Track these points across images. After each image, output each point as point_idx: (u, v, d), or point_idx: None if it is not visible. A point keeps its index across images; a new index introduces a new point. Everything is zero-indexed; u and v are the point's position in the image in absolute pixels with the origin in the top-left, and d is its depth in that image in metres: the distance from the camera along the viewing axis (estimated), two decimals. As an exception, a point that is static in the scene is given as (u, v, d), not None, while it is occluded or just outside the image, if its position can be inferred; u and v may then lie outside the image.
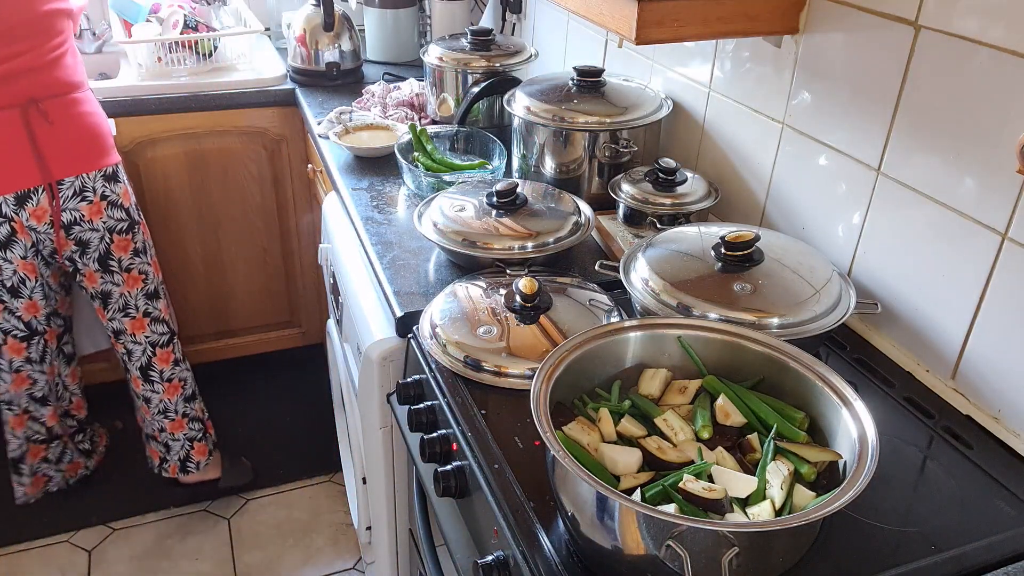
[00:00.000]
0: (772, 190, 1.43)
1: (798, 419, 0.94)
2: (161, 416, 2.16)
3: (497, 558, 0.91)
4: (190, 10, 2.38)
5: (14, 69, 1.74)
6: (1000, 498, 0.97)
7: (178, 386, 2.16)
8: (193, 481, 2.26)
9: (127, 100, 2.21)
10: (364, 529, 1.74)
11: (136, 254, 2.01)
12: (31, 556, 2.17)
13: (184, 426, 2.18)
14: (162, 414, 2.16)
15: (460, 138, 1.87)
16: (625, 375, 1.02)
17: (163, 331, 2.10)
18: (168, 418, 2.16)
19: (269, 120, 2.37)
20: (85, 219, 1.90)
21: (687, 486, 0.82)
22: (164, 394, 2.14)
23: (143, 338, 2.08)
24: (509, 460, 0.98)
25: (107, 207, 1.92)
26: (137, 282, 2.03)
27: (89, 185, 1.87)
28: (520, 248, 1.35)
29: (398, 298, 1.33)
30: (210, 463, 2.26)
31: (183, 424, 2.18)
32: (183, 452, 2.20)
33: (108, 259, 1.97)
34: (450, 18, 2.40)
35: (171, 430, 2.17)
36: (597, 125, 1.56)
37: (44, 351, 2.05)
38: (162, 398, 2.14)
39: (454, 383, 1.12)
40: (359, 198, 1.68)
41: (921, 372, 1.18)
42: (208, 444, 2.25)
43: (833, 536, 0.89)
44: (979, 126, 1.04)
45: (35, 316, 1.99)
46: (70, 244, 1.91)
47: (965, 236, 1.08)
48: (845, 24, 1.22)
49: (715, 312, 1.10)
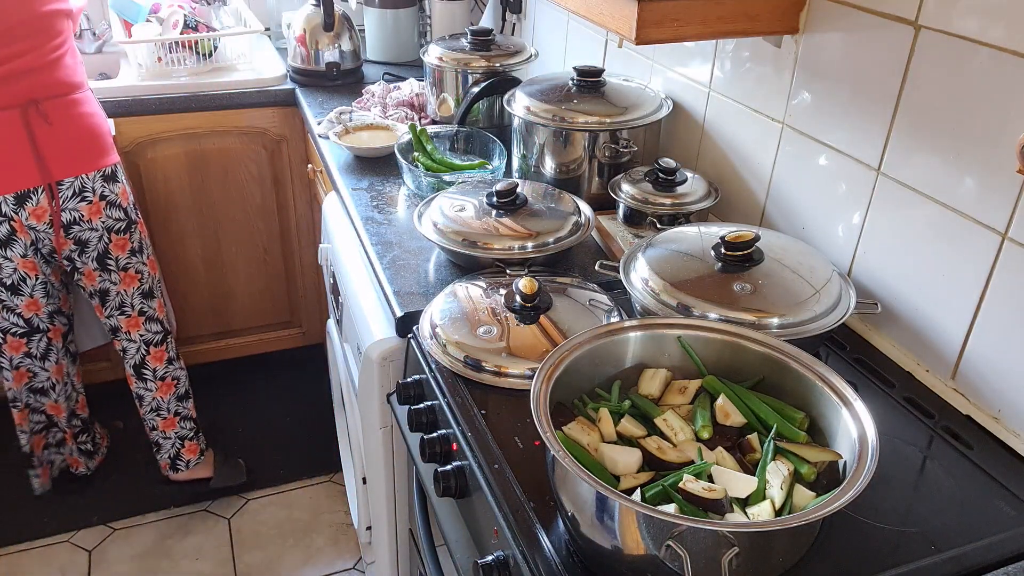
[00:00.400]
0: (772, 190, 1.43)
1: (798, 419, 0.94)
2: (153, 414, 2.17)
3: (497, 558, 0.91)
4: (190, 10, 2.38)
5: (14, 70, 1.74)
6: (1000, 498, 0.97)
7: (171, 385, 2.17)
8: (183, 479, 2.27)
9: (127, 100, 2.21)
10: (364, 529, 1.74)
11: (133, 253, 2.01)
12: (31, 556, 2.17)
13: (175, 424, 2.19)
14: (154, 412, 2.17)
15: (460, 138, 1.87)
16: (625, 375, 1.02)
17: (157, 330, 2.11)
18: (160, 416, 2.17)
19: (269, 120, 2.37)
20: (84, 219, 1.90)
21: (687, 486, 0.82)
22: (157, 392, 2.15)
23: (138, 336, 2.09)
24: (509, 460, 0.98)
25: (106, 207, 1.92)
26: (133, 281, 2.04)
27: (89, 185, 1.88)
28: (520, 248, 1.35)
29: (398, 298, 1.33)
30: (201, 462, 2.27)
31: (175, 422, 2.19)
32: (173, 450, 2.21)
33: (106, 258, 1.97)
34: (450, 18, 2.40)
35: (163, 428, 2.18)
36: (597, 125, 1.56)
37: (48, 348, 2.05)
38: (155, 396, 2.15)
39: (454, 383, 1.12)
40: (359, 198, 1.68)
41: (921, 372, 1.18)
42: (200, 443, 2.25)
43: (833, 536, 0.89)
44: (979, 126, 1.04)
45: (36, 313, 1.99)
46: (69, 243, 1.92)
47: (965, 236, 1.08)
48: (845, 24, 1.22)
49: (715, 312, 1.10)
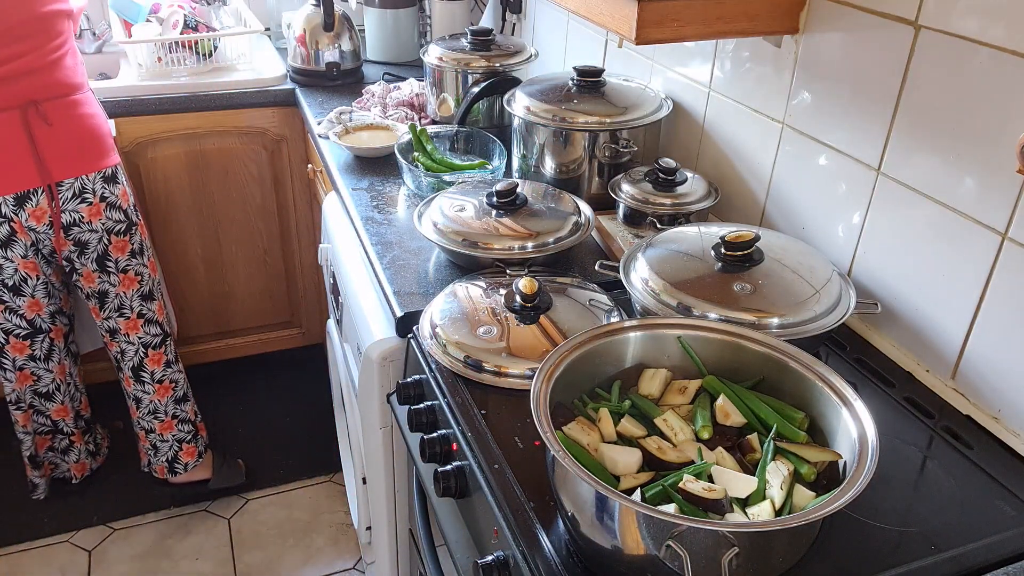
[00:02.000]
0: (772, 190, 1.43)
1: (798, 419, 0.94)
2: (151, 417, 2.16)
3: (497, 558, 0.91)
4: (190, 10, 2.38)
5: (14, 71, 1.74)
6: (1000, 498, 0.97)
7: (169, 388, 2.16)
8: (181, 482, 2.26)
9: (127, 100, 2.21)
10: (364, 529, 1.74)
11: (133, 255, 2.01)
12: (31, 556, 2.17)
13: (173, 427, 2.18)
14: (152, 415, 2.16)
15: (460, 138, 1.87)
16: (625, 375, 1.02)
17: (156, 332, 2.11)
18: (158, 419, 2.16)
19: (269, 120, 2.37)
20: (84, 220, 1.90)
21: (687, 486, 0.82)
22: (155, 395, 2.14)
23: (136, 338, 2.08)
24: (509, 460, 0.98)
25: (106, 208, 1.92)
26: (133, 283, 2.03)
27: (89, 187, 1.87)
28: (520, 248, 1.35)
29: (398, 298, 1.33)
30: (200, 464, 2.26)
31: (172, 425, 2.18)
32: (171, 453, 2.21)
33: (106, 260, 1.97)
34: (450, 18, 2.41)
35: (160, 431, 2.18)
36: (597, 125, 1.56)
37: (51, 349, 2.05)
38: (152, 399, 2.14)
39: (454, 383, 1.12)
40: (359, 198, 1.68)
41: (921, 372, 1.18)
42: (198, 446, 2.25)
43: (833, 536, 0.89)
44: (979, 126, 1.04)
45: (39, 314, 1.99)
46: (69, 244, 1.91)
47: (965, 236, 1.08)
48: (845, 24, 1.22)
49: (715, 312, 1.10)
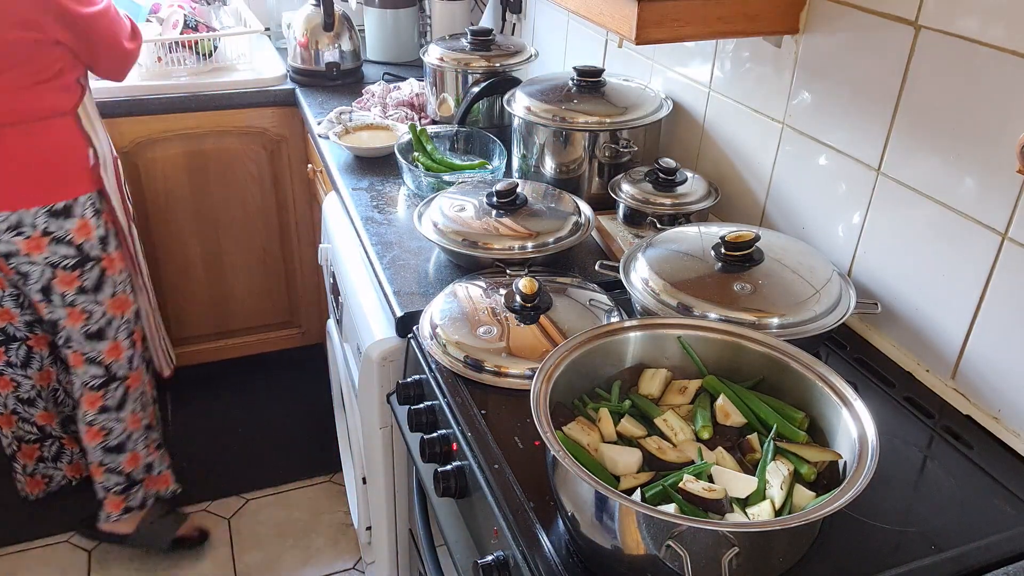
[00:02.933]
0: (772, 190, 1.43)
1: (798, 419, 0.94)
2: (81, 454, 2.03)
3: (497, 558, 0.91)
4: (190, 10, 2.38)
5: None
6: (1000, 498, 0.97)
7: (98, 434, 1.98)
8: (104, 530, 2.11)
9: (127, 100, 2.21)
10: (364, 529, 1.74)
11: (82, 292, 1.85)
12: (31, 556, 2.17)
13: (101, 474, 2.03)
14: (82, 453, 2.04)
15: (460, 138, 1.87)
16: (625, 375, 1.02)
17: (97, 374, 1.94)
18: (87, 460, 2.03)
19: (269, 120, 2.37)
20: (22, 252, 1.77)
21: (687, 486, 0.82)
22: (84, 436, 1.99)
23: (78, 373, 1.95)
24: (509, 460, 0.98)
25: (50, 243, 1.77)
26: (79, 319, 1.88)
27: (28, 221, 1.74)
28: (520, 248, 1.35)
29: (398, 298, 1.33)
30: (124, 519, 2.09)
31: (100, 472, 2.03)
32: (100, 495, 2.06)
33: (50, 291, 1.84)
34: (450, 18, 2.40)
35: (92, 472, 2.05)
36: (597, 125, 1.56)
37: (30, 356, 2.02)
38: (84, 440, 2.00)
39: (454, 383, 1.12)
40: (359, 198, 1.67)
41: (921, 372, 1.18)
42: (128, 501, 2.07)
43: (833, 536, 0.89)
44: (979, 126, 1.04)
45: (11, 322, 1.96)
46: (11, 272, 1.82)
47: (965, 236, 1.08)
48: (845, 24, 1.22)
49: (715, 312, 1.10)
